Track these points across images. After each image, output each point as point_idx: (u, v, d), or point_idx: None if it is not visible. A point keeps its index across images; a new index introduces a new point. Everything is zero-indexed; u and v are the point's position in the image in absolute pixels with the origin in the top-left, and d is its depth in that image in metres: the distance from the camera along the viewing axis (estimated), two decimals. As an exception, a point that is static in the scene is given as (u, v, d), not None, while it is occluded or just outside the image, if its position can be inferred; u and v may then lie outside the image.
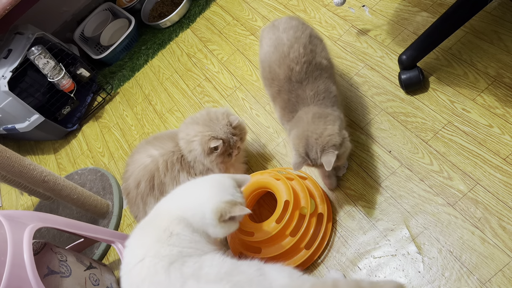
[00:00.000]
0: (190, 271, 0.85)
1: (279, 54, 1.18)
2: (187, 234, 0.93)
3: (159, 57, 2.22)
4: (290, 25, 1.23)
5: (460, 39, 1.40)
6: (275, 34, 1.22)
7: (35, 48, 1.90)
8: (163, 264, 0.85)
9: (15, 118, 2.00)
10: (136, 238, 0.96)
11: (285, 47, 1.17)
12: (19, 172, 1.40)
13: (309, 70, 1.16)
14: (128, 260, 0.91)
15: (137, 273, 0.86)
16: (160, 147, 1.32)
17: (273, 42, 1.21)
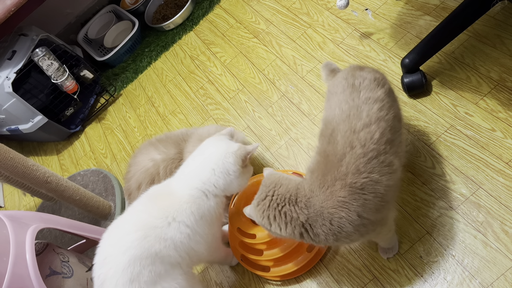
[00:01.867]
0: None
1: (349, 125, 0.92)
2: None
3: (162, 59, 2.23)
4: (375, 95, 0.95)
5: (463, 43, 1.40)
6: (354, 101, 0.95)
7: (39, 50, 1.91)
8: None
9: (18, 119, 2.01)
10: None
11: (359, 123, 0.91)
12: (22, 172, 1.40)
13: (369, 163, 0.87)
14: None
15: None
16: (163, 152, 1.32)
17: (348, 110, 0.94)
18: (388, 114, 0.94)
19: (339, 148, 0.89)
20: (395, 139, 0.93)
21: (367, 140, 0.88)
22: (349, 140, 0.89)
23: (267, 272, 1.25)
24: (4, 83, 1.87)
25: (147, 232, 0.97)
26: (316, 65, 1.67)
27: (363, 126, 0.90)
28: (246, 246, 1.26)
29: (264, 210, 0.92)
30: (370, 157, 0.87)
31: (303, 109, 1.59)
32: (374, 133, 0.89)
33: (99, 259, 1.00)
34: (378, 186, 0.87)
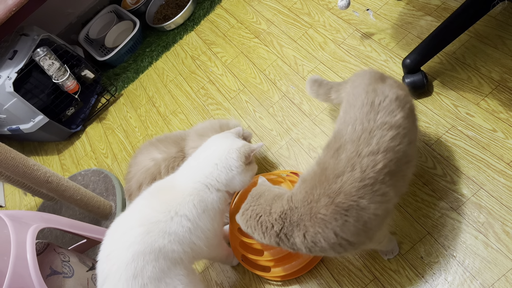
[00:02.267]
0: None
1: (357, 148, 0.89)
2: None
3: (163, 59, 2.23)
4: (393, 120, 0.90)
5: (464, 44, 1.40)
6: (370, 123, 0.91)
7: (40, 50, 1.91)
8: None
9: (19, 119, 2.01)
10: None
11: (367, 148, 0.88)
12: (23, 172, 1.40)
13: (362, 189, 0.86)
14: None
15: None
16: (163, 151, 1.32)
17: (361, 132, 0.90)
18: (400, 144, 0.90)
19: (340, 165, 0.89)
20: (399, 170, 0.91)
21: (368, 167, 0.87)
22: (352, 162, 0.88)
23: (267, 272, 1.25)
24: (5, 83, 1.87)
25: (151, 227, 0.98)
26: (317, 65, 1.67)
27: (369, 152, 0.88)
28: (246, 246, 1.26)
29: (247, 219, 0.96)
30: (366, 183, 0.86)
31: (304, 110, 1.59)
32: (378, 163, 0.87)
33: (103, 255, 1.01)
34: (364, 212, 0.86)
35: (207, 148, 1.12)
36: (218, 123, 1.32)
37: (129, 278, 0.94)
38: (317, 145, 1.47)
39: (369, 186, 0.87)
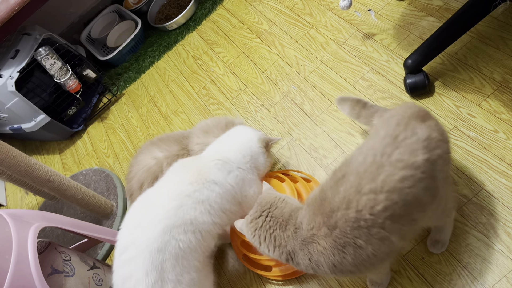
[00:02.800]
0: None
1: (358, 182, 0.81)
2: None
3: (165, 59, 2.23)
4: (411, 160, 0.80)
5: (466, 44, 1.40)
6: (382, 158, 0.81)
7: (42, 49, 1.92)
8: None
9: (21, 118, 2.01)
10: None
11: (369, 185, 0.79)
12: (24, 171, 1.40)
13: (356, 230, 0.80)
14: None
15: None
16: (165, 149, 1.32)
17: (369, 165, 0.81)
18: (411, 188, 0.79)
19: (336, 200, 0.82)
20: (407, 215, 0.81)
21: (365, 207, 0.79)
22: (348, 198, 0.81)
23: (268, 272, 1.25)
24: (7, 82, 1.88)
25: (184, 201, 1.03)
26: (318, 65, 1.67)
27: (370, 190, 0.79)
28: (247, 246, 1.26)
29: (256, 228, 0.94)
30: (360, 225, 0.79)
31: (305, 110, 1.59)
32: (378, 203, 0.78)
33: (130, 225, 1.04)
34: (362, 251, 0.81)
35: (231, 133, 1.24)
36: (224, 120, 1.33)
37: (154, 251, 0.96)
38: (318, 145, 1.47)
39: (364, 228, 0.79)
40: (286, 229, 0.90)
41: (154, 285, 0.95)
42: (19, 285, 0.95)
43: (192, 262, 1.02)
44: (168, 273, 0.97)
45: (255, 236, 0.94)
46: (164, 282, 0.96)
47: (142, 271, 0.95)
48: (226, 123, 1.31)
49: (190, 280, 1.00)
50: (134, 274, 0.96)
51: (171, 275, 0.97)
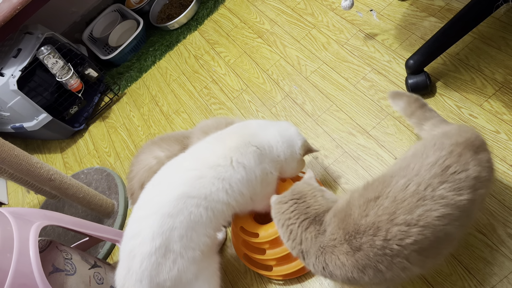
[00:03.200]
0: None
1: (392, 210, 0.78)
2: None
3: (166, 59, 2.23)
4: (455, 200, 0.77)
5: (468, 45, 1.40)
6: (426, 191, 0.78)
7: (45, 48, 1.92)
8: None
9: (23, 117, 2.02)
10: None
11: (403, 216, 0.77)
12: (26, 170, 1.41)
13: (380, 256, 0.78)
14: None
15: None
16: (166, 149, 1.32)
17: (409, 195, 0.78)
18: (446, 225, 0.77)
19: (363, 223, 0.79)
20: (433, 249, 0.79)
21: (394, 238, 0.76)
22: (377, 225, 0.78)
23: (269, 271, 1.25)
24: (9, 81, 1.88)
25: (205, 172, 1.01)
26: (320, 65, 1.67)
27: (404, 222, 0.76)
28: (249, 245, 1.27)
29: (279, 212, 0.94)
30: (385, 253, 0.77)
31: (306, 110, 1.59)
32: (409, 236, 0.76)
33: (152, 183, 1.05)
34: (381, 275, 0.80)
35: (279, 126, 1.17)
36: (224, 120, 1.33)
37: (165, 215, 0.96)
38: (319, 145, 1.47)
39: (389, 256, 0.78)
40: (306, 230, 0.88)
41: (158, 250, 0.94)
42: (21, 283, 0.95)
43: (200, 238, 0.99)
44: (174, 243, 0.96)
45: (275, 219, 0.95)
46: (167, 250, 0.95)
47: (150, 232, 0.94)
48: (226, 124, 1.31)
49: (192, 258, 0.98)
50: (142, 233, 0.95)
51: (176, 246, 0.96)
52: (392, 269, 0.79)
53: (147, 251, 0.94)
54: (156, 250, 0.94)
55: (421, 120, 1.03)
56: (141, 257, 0.94)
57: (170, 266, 0.96)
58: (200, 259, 1.01)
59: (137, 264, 0.94)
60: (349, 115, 1.48)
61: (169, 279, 0.96)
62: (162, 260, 0.95)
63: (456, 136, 0.85)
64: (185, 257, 0.97)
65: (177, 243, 0.96)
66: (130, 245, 0.97)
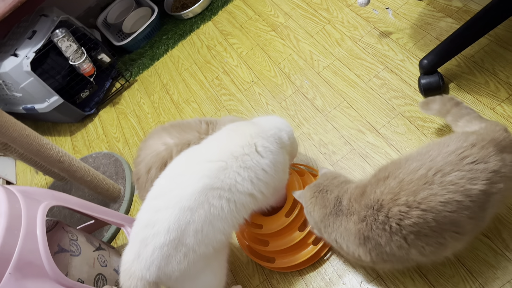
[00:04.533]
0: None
1: (397, 189, 0.82)
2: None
3: (179, 48, 2.23)
4: (468, 187, 0.77)
5: (484, 47, 1.38)
6: (436, 175, 0.79)
7: (59, 31, 1.93)
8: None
9: (35, 98, 2.04)
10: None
11: (405, 198, 0.80)
12: (36, 150, 1.42)
13: (380, 232, 0.85)
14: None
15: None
16: (175, 137, 1.32)
17: (418, 177, 0.80)
18: (452, 213, 0.78)
19: (369, 200, 0.86)
20: (435, 237, 0.81)
21: (394, 217, 0.81)
22: (381, 203, 0.84)
23: (272, 263, 1.26)
24: (23, 62, 1.90)
25: (230, 163, 1.00)
26: (333, 61, 1.66)
27: (405, 203, 0.80)
28: (252, 236, 1.27)
29: (314, 191, 1.01)
30: (385, 228, 0.83)
31: (317, 105, 1.58)
32: (408, 218, 0.79)
33: (170, 175, 1.04)
34: (381, 248, 0.87)
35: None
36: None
37: (184, 209, 0.94)
38: (328, 141, 1.47)
39: (387, 233, 0.83)
40: (331, 204, 0.97)
41: (171, 243, 0.93)
42: (27, 260, 0.97)
43: (216, 235, 0.98)
44: (188, 237, 0.95)
45: (311, 197, 1.01)
46: (180, 244, 0.94)
47: (165, 225, 0.93)
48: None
49: (203, 254, 0.98)
50: (156, 225, 0.94)
51: (190, 240, 0.95)
52: (390, 245, 0.84)
53: (160, 243, 0.93)
54: (170, 242, 0.94)
55: (456, 117, 1.05)
56: (153, 247, 0.94)
57: (180, 258, 0.96)
58: (211, 255, 1.01)
59: (148, 253, 0.94)
60: (359, 112, 1.47)
61: (178, 270, 0.96)
62: (173, 252, 0.95)
63: (484, 133, 0.86)
64: (197, 252, 0.97)
65: (191, 238, 0.95)
66: (144, 233, 0.96)
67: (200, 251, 0.97)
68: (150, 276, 0.95)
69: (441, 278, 1.07)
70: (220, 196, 0.97)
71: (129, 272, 0.97)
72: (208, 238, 0.98)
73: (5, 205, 1.00)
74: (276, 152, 1.07)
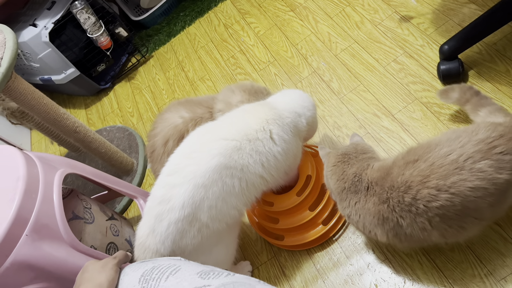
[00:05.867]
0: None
1: (427, 172, 0.83)
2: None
3: (196, 25, 2.23)
4: (494, 176, 0.80)
5: (507, 35, 1.35)
6: (467, 161, 0.81)
7: (78, 2, 1.93)
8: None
9: (52, 69, 2.05)
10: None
11: (435, 181, 0.82)
12: (53, 119, 1.44)
13: (404, 213, 0.87)
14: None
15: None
16: (191, 111, 1.33)
17: (449, 162, 0.82)
18: (478, 198, 0.80)
19: (398, 181, 0.87)
20: (458, 221, 0.84)
21: (423, 199, 0.82)
22: (409, 184, 0.85)
23: (280, 241, 1.27)
24: (41, 32, 1.91)
25: (244, 144, 1.00)
26: (351, 44, 1.64)
27: (435, 186, 0.81)
28: (262, 214, 1.29)
29: (338, 161, 1.03)
30: (410, 210, 0.85)
31: (333, 87, 1.58)
32: (436, 200, 0.81)
33: (185, 151, 1.05)
34: (400, 229, 0.89)
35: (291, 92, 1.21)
36: (249, 83, 1.33)
37: (198, 186, 0.95)
38: (342, 124, 1.46)
39: (413, 214, 0.85)
40: (350, 176, 0.98)
41: (185, 219, 0.95)
42: (43, 223, 0.99)
43: (229, 211, 1.00)
44: (202, 213, 0.96)
45: (333, 165, 1.03)
46: (194, 219, 0.96)
47: (180, 201, 0.95)
48: (252, 85, 1.31)
49: (216, 229, 0.99)
50: (171, 200, 0.96)
51: (204, 216, 0.97)
52: (412, 226, 0.85)
53: (175, 218, 0.95)
54: (184, 218, 0.95)
55: (477, 106, 1.06)
56: (168, 222, 0.96)
57: (194, 233, 0.97)
58: (224, 230, 1.03)
59: (163, 228, 0.96)
60: (375, 96, 1.46)
61: (191, 244, 0.98)
62: (188, 227, 0.97)
63: (511, 126, 0.87)
64: (211, 227, 0.99)
65: (205, 214, 0.97)
66: (158, 209, 0.98)
67: (213, 227, 0.99)
68: (164, 250, 0.98)
69: (450, 263, 1.08)
70: (232, 175, 0.98)
71: (143, 246, 1.00)
72: (221, 214, 0.99)
73: (24, 169, 1.02)
74: (290, 141, 1.07)
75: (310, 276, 1.23)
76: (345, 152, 1.03)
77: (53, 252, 1.00)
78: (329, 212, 1.21)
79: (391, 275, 1.13)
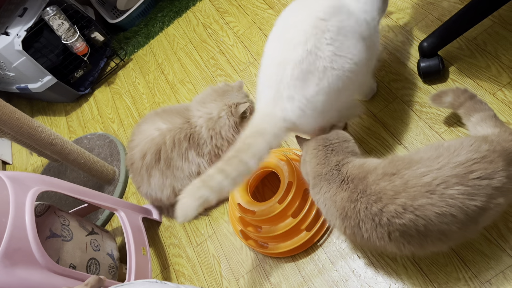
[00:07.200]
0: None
1: (401, 188, 0.82)
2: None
3: (174, 26, 2.18)
4: (462, 204, 0.78)
5: (487, 29, 1.33)
6: (440, 186, 0.79)
7: (50, 9, 1.88)
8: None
9: (28, 77, 2.00)
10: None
11: (402, 200, 0.82)
12: (27, 133, 1.40)
13: (368, 224, 0.87)
14: None
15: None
16: (168, 121, 1.30)
17: (423, 186, 0.80)
18: (443, 224, 0.79)
19: (372, 189, 0.86)
20: (418, 241, 0.83)
21: (387, 213, 0.82)
22: (380, 196, 0.84)
23: (265, 249, 1.25)
24: (14, 41, 1.85)
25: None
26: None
27: (402, 205, 0.80)
28: (245, 222, 1.26)
29: (319, 145, 1.01)
30: (373, 219, 0.85)
31: (313, 87, 1.55)
32: (399, 218, 0.81)
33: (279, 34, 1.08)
34: (359, 230, 0.89)
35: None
36: (211, 88, 1.34)
37: (318, 18, 0.95)
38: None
39: (375, 223, 0.85)
40: (329, 166, 0.97)
41: (308, 56, 0.93)
42: (16, 248, 0.96)
43: (356, 45, 0.98)
44: (325, 47, 0.94)
45: (314, 149, 1.01)
46: (317, 57, 0.94)
47: (302, 35, 0.94)
48: (213, 89, 1.31)
49: (342, 71, 0.96)
50: (294, 40, 0.95)
51: (327, 52, 0.94)
52: (371, 233, 0.86)
53: (298, 57, 0.93)
54: (307, 55, 0.93)
55: (470, 111, 1.04)
56: (293, 63, 0.93)
57: (319, 76, 0.94)
58: (353, 72, 0.98)
59: (288, 72, 0.94)
60: (356, 96, 1.44)
61: (320, 92, 0.95)
62: (312, 67, 0.93)
63: (496, 143, 0.84)
64: (335, 67, 0.95)
65: (327, 49, 0.94)
66: (276, 70, 0.98)
67: (338, 65, 0.95)
68: (293, 113, 0.96)
69: (434, 266, 1.07)
70: (348, 12, 1.00)
71: (270, 114, 0.98)
72: (344, 49, 0.96)
73: (-8, 192, 0.98)
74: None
75: (296, 284, 1.21)
76: (327, 137, 1.02)
77: (28, 276, 0.97)
78: (312, 218, 1.19)
79: (376, 280, 1.12)
